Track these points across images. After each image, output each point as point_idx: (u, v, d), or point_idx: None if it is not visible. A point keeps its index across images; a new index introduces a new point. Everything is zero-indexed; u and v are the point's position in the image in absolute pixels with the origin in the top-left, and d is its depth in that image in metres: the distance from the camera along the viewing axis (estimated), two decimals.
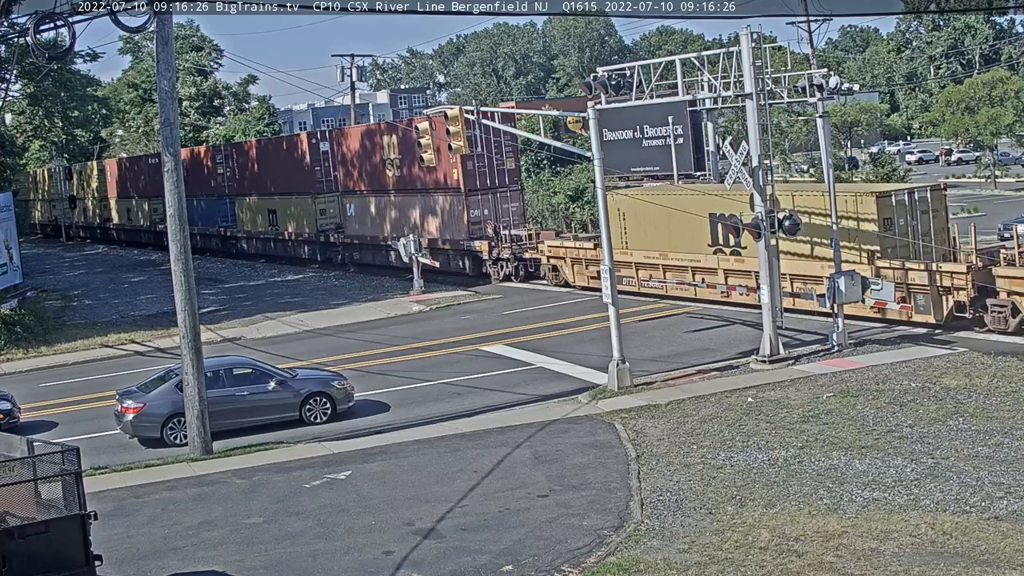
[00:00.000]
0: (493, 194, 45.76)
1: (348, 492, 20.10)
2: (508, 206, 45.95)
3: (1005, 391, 22.96)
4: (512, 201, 46.18)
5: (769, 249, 27.16)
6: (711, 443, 21.08)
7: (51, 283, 58.97)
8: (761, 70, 26.98)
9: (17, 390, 29.46)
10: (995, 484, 17.67)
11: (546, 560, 16.06)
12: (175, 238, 23.53)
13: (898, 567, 14.78)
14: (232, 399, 25.27)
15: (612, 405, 24.69)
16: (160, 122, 23.93)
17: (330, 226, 55.71)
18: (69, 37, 23.65)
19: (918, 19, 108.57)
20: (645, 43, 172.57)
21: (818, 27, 65.46)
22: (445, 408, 26.13)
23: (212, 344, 35.03)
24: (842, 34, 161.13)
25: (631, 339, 28.72)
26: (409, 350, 33.49)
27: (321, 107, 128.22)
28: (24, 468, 15.28)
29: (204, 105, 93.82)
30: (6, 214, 43.89)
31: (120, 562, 17.13)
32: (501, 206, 45.77)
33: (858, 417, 21.94)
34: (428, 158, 32.94)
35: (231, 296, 48.93)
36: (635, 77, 27.83)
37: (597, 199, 27.47)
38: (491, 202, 45.68)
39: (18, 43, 32.77)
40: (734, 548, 15.86)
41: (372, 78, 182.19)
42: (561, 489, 19.20)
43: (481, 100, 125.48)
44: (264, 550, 17.45)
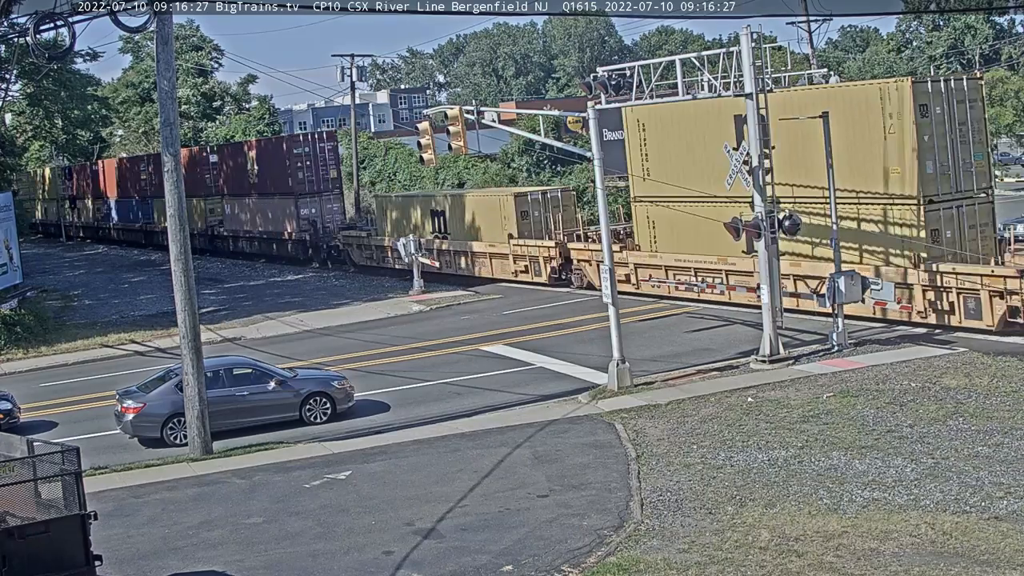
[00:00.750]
0: (320, 196, 57.52)
1: (348, 492, 20.10)
2: (331, 206, 57.99)
3: (1005, 391, 22.96)
4: (335, 202, 58.21)
5: (769, 249, 27.16)
6: (711, 443, 21.08)
7: (51, 283, 58.98)
8: (761, 70, 26.98)
9: (17, 390, 29.47)
10: (995, 484, 17.66)
11: (546, 560, 16.06)
12: (175, 238, 23.53)
13: (898, 567, 14.78)
14: (232, 399, 25.27)
15: (612, 405, 24.69)
16: (160, 122, 23.94)
17: (215, 221, 67.35)
18: (69, 37, 23.70)
19: (918, 19, 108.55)
20: (645, 43, 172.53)
21: (818, 27, 65.30)
22: (445, 408, 26.13)
23: (212, 344, 35.04)
24: (842, 34, 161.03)
25: (631, 339, 28.72)
26: (409, 350, 33.50)
27: (321, 107, 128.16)
28: (24, 468, 15.28)
29: (204, 107, 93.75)
30: (6, 214, 43.86)
31: (120, 562, 17.13)
32: (325, 206, 57.60)
33: (858, 417, 21.94)
34: (428, 158, 33.00)
35: (231, 296, 48.95)
36: (635, 77, 27.82)
37: (597, 199, 27.48)
38: (318, 203, 57.69)
39: (18, 43, 32.80)
40: (734, 548, 15.86)
41: (372, 78, 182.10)
42: (561, 489, 19.20)
43: (481, 100, 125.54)
44: (264, 550, 17.45)
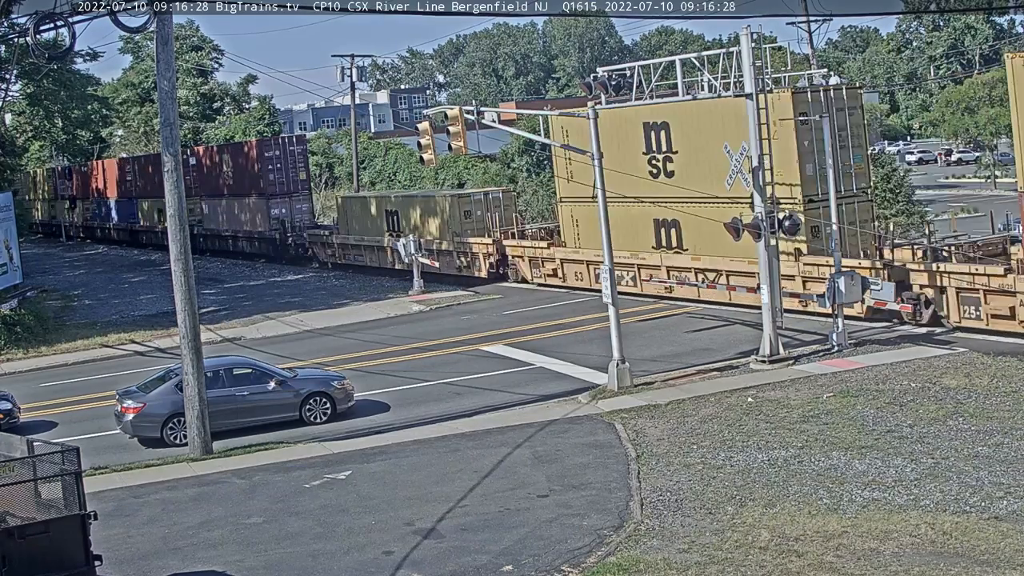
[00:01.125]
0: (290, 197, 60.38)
1: (348, 492, 20.10)
2: (300, 206, 60.75)
3: (1005, 391, 22.95)
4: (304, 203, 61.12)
5: (769, 249, 27.16)
6: (711, 443, 21.08)
7: (51, 283, 58.96)
8: (761, 70, 27.00)
9: (17, 390, 29.46)
10: (995, 484, 17.66)
11: (546, 560, 16.06)
12: (175, 238, 23.53)
13: (898, 567, 14.78)
14: (232, 399, 25.27)
15: (612, 405, 24.69)
16: (160, 122, 23.93)
17: (194, 220, 66.44)
18: (69, 37, 23.67)
19: (918, 19, 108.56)
20: (645, 43, 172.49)
21: (818, 27, 65.41)
22: (445, 408, 26.13)
23: (212, 344, 35.04)
24: (842, 34, 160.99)
25: (631, 339, 28.72)
26: (409, 350, 33.50)
27: (321, 107, 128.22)
28: (24, 468, 15.29)
29: (203, 107, 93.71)
30: (6, 214, 43.84)
31: (120, 562, 17.13)
32: (294, 207, 60.48)
33: (858, 417, 21.94)
34: (428, 158, 32.95)
35: (231, 296, 48.94)
36: (635, 77, 27.85)
37: (598, 199, 27.46)
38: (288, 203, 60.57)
39: (18, 43, 32.81)
40: (734, 548, 15.86)
41: (372, 78, 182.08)
42: (561, 489, 19.20)
43: (481, 100, 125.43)
44: (264, 550, 17.45)
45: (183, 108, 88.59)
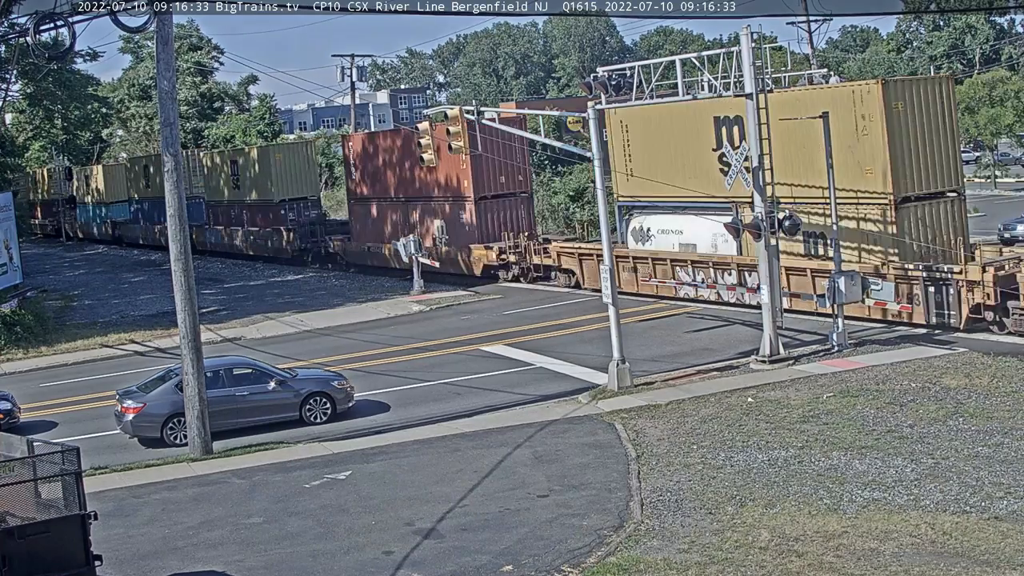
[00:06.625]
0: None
1: (348, 492, 20.10)
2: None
3: (1005, 391, 22.96)
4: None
5: (769, 249, 27.16)
6: (711, 443, 21.08)
7: (51, 283, 58.93)
8: (761, 70, 26.99)
9: (17, 390, 29.46)
10: (995, 484, 17.67)
11: (546, 560, 16.06)
12: (175, 238, 23.53)
13: (898, 567, 14.79)
14: (232, 399, 25.27)
15: (612, 405, 24.69)
16: (160, 122, 23.94)
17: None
18: (69, 37, 23.67)
19: (918, 19, 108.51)
20: (645, 43, 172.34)
21: (818, 27, 65.50)
22: (445, 408, 26.13)
23: (212, 344, 35.04)
24: (842, 34, 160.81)
25: (631, 339, 28.72)
26: (409, 350, 33.49)
27: (321, 107, 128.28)
28: (24, 468, 15.29)
29: (202, 108, 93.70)
30: (6, 214, 43.83)
31: (120, 562, 17.14)
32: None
33: (858, 417, 21.94)
34: (428, 158, 32.98)
35: (231, 296, 48.91)
36: (635, 77, 27.83)
37: (597, 199, 27.48)
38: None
39: (18, 43, 32.81)
40: (734, 548, 15.87)
41: (372, 78, 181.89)
42: (561, 489, 19.20)
43: (481, 100, 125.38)
44: (264, 550, 17.46)
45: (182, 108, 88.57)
